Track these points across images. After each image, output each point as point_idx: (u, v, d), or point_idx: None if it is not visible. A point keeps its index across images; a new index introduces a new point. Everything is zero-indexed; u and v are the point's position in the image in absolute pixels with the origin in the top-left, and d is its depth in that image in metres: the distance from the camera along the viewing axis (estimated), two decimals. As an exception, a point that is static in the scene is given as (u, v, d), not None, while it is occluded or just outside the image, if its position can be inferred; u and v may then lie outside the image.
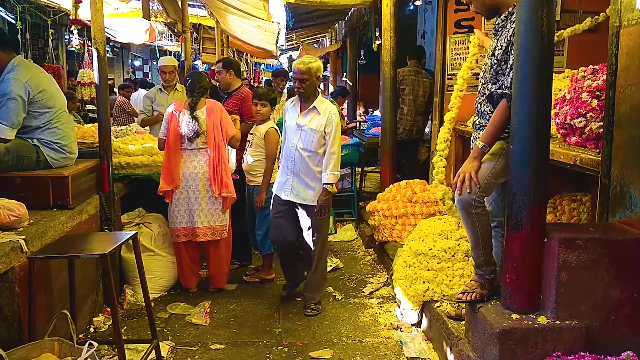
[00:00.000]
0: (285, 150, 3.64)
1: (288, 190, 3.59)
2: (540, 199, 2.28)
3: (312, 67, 3.47)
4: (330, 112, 3.50)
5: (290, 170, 3.57)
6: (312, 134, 3.47)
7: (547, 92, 2.25)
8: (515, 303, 2.36)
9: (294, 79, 3.51)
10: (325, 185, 3.47)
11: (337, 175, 3.50)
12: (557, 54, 4.85)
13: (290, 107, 3.66)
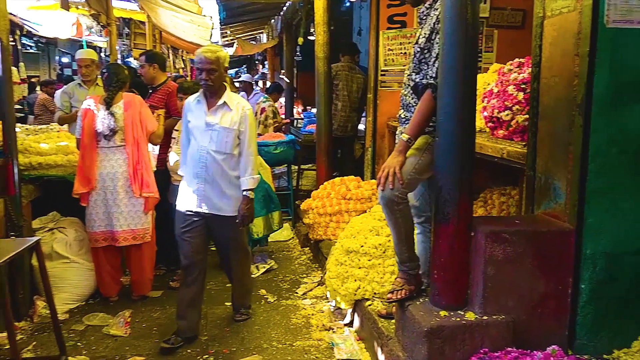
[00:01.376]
0: (192, 155, 3.11)
1: (199, 201, 3.09)
2: (466, 193, 2.23)
3: (221, 56, 3.03)
4: (244, 107, 3.12)
5: (201, 177, 3.07)
6: (225, 133, 3.04)
7: (472, 83, 2.19)
8: (443, 299, 2.30)
9: (200, 70, 3.00)
10: (247, 192, 3.10)
11: (257, 179, 3.15)
12: (487, 49, 4.92)
13: (193, 105, 3.14)
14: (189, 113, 3.16)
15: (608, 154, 2.18)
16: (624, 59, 2.14)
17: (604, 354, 2.28)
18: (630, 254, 2.25)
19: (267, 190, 4.43)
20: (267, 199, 4.43)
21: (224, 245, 3.28)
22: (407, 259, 2.45)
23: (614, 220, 2.23)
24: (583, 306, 2.27)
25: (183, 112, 3.21)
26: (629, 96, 2.16)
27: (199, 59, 2.99)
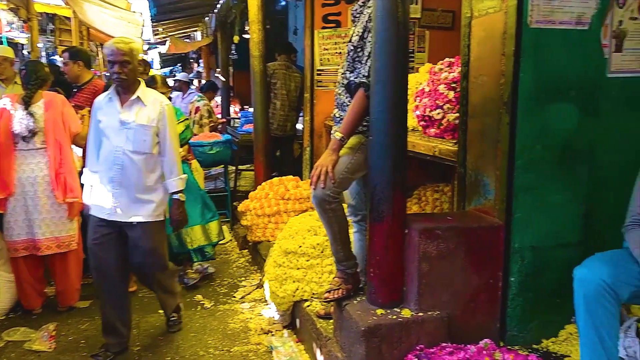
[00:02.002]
0: (105, 157, 2.79)
1: (114, 209, 2.78)
2: (400, 191, 2.24)
3: (134, 47, 2.76)
4: (162, 102, 2.85)
5: (116, 182, 2.76)
6: (142, 131, 2.76)
7: (404, 82, 2.20)
8: (380, 298, 2.30)
9: (112, 63, 2.71)
10: (177, 195, 2.90)
11: (185, 178, 2.94)
12: (419, 50, 5.02)
13: (104, 103, 2.83)
14: (99, 112, 2.84)
15: (533, 150, 2.26)
16: (547, 59, 2.23)
17: (534, 344, 2.37)
18: (556, 247, 2.34)
19: (202, 197, 4.19)
20: (204, 206, 4.14)
21: (142, 256, 2.89)
22: (344, 258, 2.43)
23: (540, 214, 2.31)
24: (513, 299, 2.34)
25: (92, 112, 2.90)
26: (551, 94, 2.25)
27: (110, 50, 2.70)
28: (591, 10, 2.25)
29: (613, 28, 2.38)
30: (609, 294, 1.73)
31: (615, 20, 2.37)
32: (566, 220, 2.34)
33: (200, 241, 4.06)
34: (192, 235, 4.01)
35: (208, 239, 4.12)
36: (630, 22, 2.39)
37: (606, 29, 2.36)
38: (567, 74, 2.26)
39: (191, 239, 4.02)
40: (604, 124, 2.41)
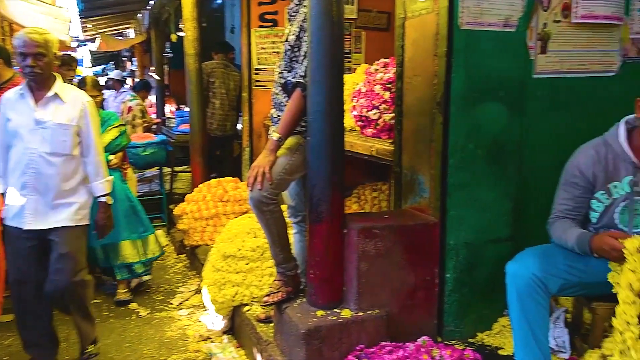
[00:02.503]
0: (16, 160, 2.52)
1: (30, 216, 2.51)
2: (338, 191, 2.23)
3: (49, 38, 2.50)
4: (82, 100, 2.60)
5: (31, 187, 2.50)
6: (61, 131, 2.51)
7: (340, 81, 2.19)
8: (320, 299, 2.28)
9: (23, 55, 2.43)
10: (103, 198, 2.69)
11: (111, 180, 2.74)
12: (356, 50, 5.06)
13: (15, 100, 2.54)
14: (9, 110, 2.54)
15: (465, 149, 2.32)
16: (477, 60, 2.29)
17: (469, 338, 2.43)
18: (488, 242, 2.41)
19: (133, 208, 3.77)
20: (135, 219, 3.76)
21: (57, 262, 2.56)
22: (283, 260, 2.40)
23: (473, 211, 2.38)
24: (449, 294, 2.39)
25: (0, 110, 2.59)
26: (482, 94, 2.32)
27: (22, 41, 2.42)
28: (518, 13, 2.34)
29: (538, 30, 2.48)
30: (540, 288, 1.80)
31: (540, 23, 2.47)
32: (497, 216, 2.41)
33: (128, 257, 3.69)
34: (119, 250, 3.65)
35: (140, 255, 3.75)
36: (554, 24, 2.50)
37: (532, 32, 2.45)
38: (496, 75, 2.33)
39: (116, 254, 3.66)
40: (530, 123, 2.51)
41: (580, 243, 1.86)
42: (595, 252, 1.82)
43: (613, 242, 1.75)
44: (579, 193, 1.97)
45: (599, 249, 1.80)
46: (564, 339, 2.17)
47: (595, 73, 2.65)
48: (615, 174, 1.93)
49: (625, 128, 1.95)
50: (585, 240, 1.84)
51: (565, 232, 1.94)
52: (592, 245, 1.82)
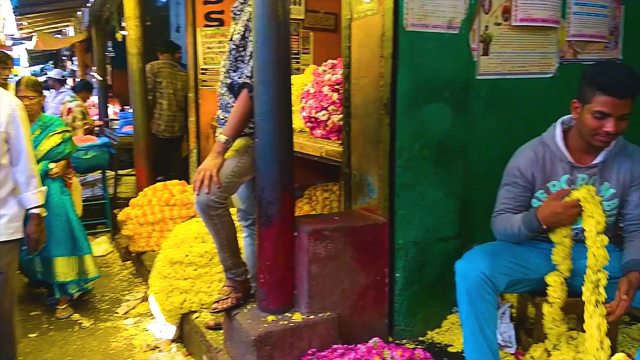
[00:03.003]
0: None
1: None
2: (288, 193, 2.20)
3: None
4: (11, 104, 2.36)
5: None
6: None
7: (287, 81, 2.16)
8: (270, 304, 2.24)
9: None
10: (36, 210, 2.44)
11: (44, 191, 2.50)
12: (304, 51, 5.05)
13: None
14: None
15: (412, 150, 2.34)
16: (423, 61, 2.31)
17: (420, 336, 2.46)
18: (436, 241, 2.45)
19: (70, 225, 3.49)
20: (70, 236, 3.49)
21: None
22: (232, 265, 2.34)
23: (421, 211, 2.40)
24: (399, 294, 2.41)
25: None
26: (427, 95, 2.35)
27: None
28: (461, 15, 2.38)
29: (480, 33, 2.54)
30: (488, 286, 1.83)
31: (482, 26, 2.53)
32: (444, 215, 2.45)
33: (61, 276, 3.44)
34: (53, 266, 3.43)
35: (74, 275, 3.51)
36: (495, 27, 2.57)
37: (474, 34, 2.51)
38: (441, 76, 2.36)
39: (50, 270, 3.43)
40: (474, 123, 2.56)
41: (527, 221, 1.89)
42: (545, 221, 1.85)
43: (563, 203, 1.80)
44: (520, 192, 2.03)
45: (549, 215, 1.83)
46: (510, 334, 2.23)
47: (534, 74, 2.74)
48: (553, 173, 1.99)
49: (561, 128, 2.01)
50: (531, 216, 1.87)
51: (509, 220, 1.98)
52: (540, 215, 1.85)
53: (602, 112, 1.79)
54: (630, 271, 1.74)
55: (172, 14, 8.04)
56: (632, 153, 1.97)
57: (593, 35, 2.87)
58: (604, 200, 1.94)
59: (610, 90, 1.76)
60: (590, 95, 1.82)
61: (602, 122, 1.81)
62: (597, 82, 1.79)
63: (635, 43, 3.00)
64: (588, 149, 1.95)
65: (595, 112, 1.81)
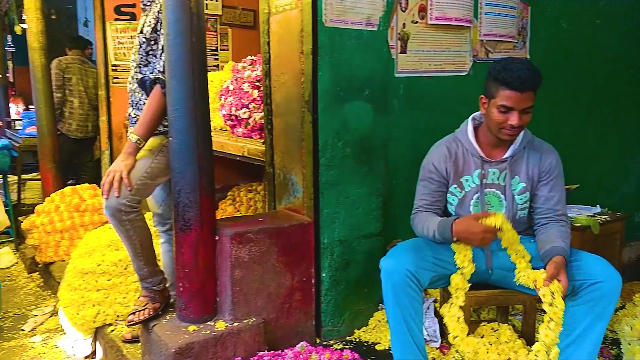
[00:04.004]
0: None
1: None
2: (207, 195, 2.09)
3: None
4: None
5: None
6: None
7: (202, 76, 2.05)
8: (191, 313, 2.13)
9: None
10: None
11: None
12: (223, 48, 4.91)
13: None
14: None
15: (335, 147, 2.31)
16: (343, 58, 2.28)
17: (348, 335, 2.44)
18: (361, 238, 2.44)
19: None
20: None
21: None
22: (148, 274, 2.20)
23: (345, 209, 2.38)
24: (325, 294, 2.38)
25: None
26: (348, 93, 2.32)
27: None
28: (379, 12, 2.38)
29: (398, 31, 2.56)
30: (413, 282, 1.83)
31: (399, 23, 2.55)
32: (367, 212, 2.45)
33: None
34: None
35: None
36: (412, 25, 2.60)
37: (392, 31, 2.52)
38: (361, 73, 2.35)
39: None
40: (394, 120, 2.58)
41: (442, 229, 1.90)
42: (457, 235, 1.86)
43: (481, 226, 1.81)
44: (436, 187, 2.05)
45: (464, 232, 1.84)
46: (435, 328, 2.26)
47: (450, 72, 2.81)
48: (466, 168, 2.04)
49: (473, 124, 2.07)
50: (447, 226, 1.89)
51: (427, 221, 1.99)
52: (455, 228, 1.86)
53: (505, 106, 1.86)
54: (552, 257, 1.80)
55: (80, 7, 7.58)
56: (540, 148, 2.05)
57: (503, 35, 2.99)
58: (515, 194, 2.01)
59: (512, 84, 1.83)
60: (495, 90, 1.89)
61: (507, 116, 1.87)
62: (500, 77, 1.85)
63: (541, 43, 3.17)
64: (497, 144, 2.01)
65: (500, 106, 1.87)
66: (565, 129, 3.31)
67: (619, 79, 3.65)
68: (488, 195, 2.03)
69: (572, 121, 3.39)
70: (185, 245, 2.08)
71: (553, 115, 3.18)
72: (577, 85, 3.41)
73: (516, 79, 1.82)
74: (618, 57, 3.60)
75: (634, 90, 3.74)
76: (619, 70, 3.63)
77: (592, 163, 3.55)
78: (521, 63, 1.85)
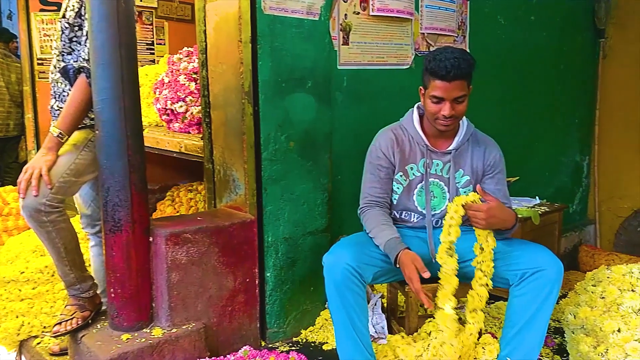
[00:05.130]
0: None
1: None
2: (139, 192, 1.94)
3: None
4: None
5: None
6: None
7: (132, 64, 1.89)
8: (124, 320, 1.97)
9: None
10: None
11: None
12: (159, 42, 4.72)
13: None
14: None
15: (278, 141, 2.22)
16: (283, 47, 2.19)
17: (294, 336, 2.35)
18: (306, 235, 2.35)
19: None
20: None
21: None
22: (76, 280, 2.02)
23: (289, 205, 2.29)
24: (270, 294, 2.28)
25: None
26: (291, 84, 2.23)
27: None
28: (320, 1, 2.30)
29: (340, 21, 2.49)
30: (355, 277, 1.76)
31: (341, 14, 2.48)
32: (313, 208, 2.37)
33: None
34: None
35: None
36: (354, 16, 2.54)
37: (334, 22, 2.46)
38: (304, 64, 2.26)
39: None
40: (337, 114, 2.52)
41: (389, 249, 1.83)
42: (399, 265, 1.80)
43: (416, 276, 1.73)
44: (384, 175, 2.00)
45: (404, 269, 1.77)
46: (383, 325, 2.21)
47: (392, 66, 2.78)
48: (411, 156, 2.00)
49: (418, 113, 2.04)
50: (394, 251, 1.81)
51: (376, 227, 1.91)
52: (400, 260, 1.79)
53: (436, 97, 1.84)
54: None
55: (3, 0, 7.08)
56: (483, 141, 2.04)
57: (443, 28, 3.00)
58: (459, 187, 1.99)
59: (438, 74, 1.80)
60: (427, 80, 1.87)
61: (439, 106, 1.86)
62: (430, 67, 1.83)
63: (479, 38, 3.21)
64: (440, 135, 1.99)
65: (432, 96, 1.85)
66: (502, 123, 3.36)
67: (551, 75, 3.77)
68: (432, 185, 2.00)
69: (509, 115, 3.46)
70: (115, 247, 1.92)
71: (490, 109, 3.23)
72: (514, 80, 3.48)
73: (442, 68, 1.79)
74: (551, 52, 3.71)
75: (565, 85, 3.88)
76: (551, 65, 3.75)
77: (528, 156, 3.65)
78: (451, 52, 1.82)
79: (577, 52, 3.95)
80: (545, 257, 1.79)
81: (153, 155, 3.09)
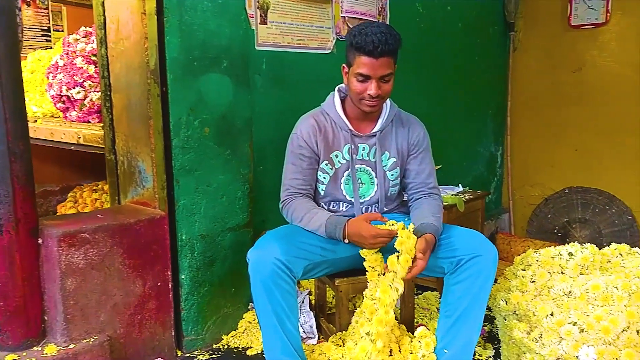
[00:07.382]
0: None
1: None
2: (24, 186, 1.64)
3: None
4: None
5: None
6: None
7: (10, 32, 1.59)
8: (9, 338, 1.66)
9: None
10: None
11: None
12: (57, 28, 4.27)
13: None
14: None
15: (191, 126, 1.99)
16: (194, 22, 1.96)
17: (214, 343, 2.13)
18: (226, 231, 2.14)
19: None
20: None
21: None
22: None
23: (206, 198, 2.06)
24: (186, 298, 2.04)
25: None
26: (204, 64, 2.00)
27: None
28: (234, -26, 2.10)
29: (257, -2, 2.31)
30: (285, 273, 1.60)
31: (258, -10, 2.30)
32: (232, 201, 2.15)
33: None
34: None
35: None
36: (272, -7, 2.37)
37: (250, -2, 2.27)
38: (218, 41, 2.04)
39: None
40: (257, 99, 2.34)
41: (331, 228, 1.71)
42: (350, 238, 1.70)
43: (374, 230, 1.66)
44: (307, 165, 1.86)
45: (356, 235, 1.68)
46: (311, 324, 2.05)
47: (313, 49, 2.64)
48: (336, 143, 1.87)
49: (340, 96, 1.91)
50: (338, 225, 1.71)
51: (307, 212, 1.78)
52: (348, 229, 1.70)
53: (362, 74, 1.72)
54: (424, 234, 1.69)
55: None
56: (407, 121, 1.96)
57: (364, 13, 2.90)
58: (386, 170, 1.89)
59: (365, 49, 1.69)
60: (352, 57, 1.75)
61: (365, 85, 1.74)
62: (355, 42, 1.71)
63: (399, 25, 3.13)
64: (364, 117, 1.88)
65: (357, 74, 1.74)
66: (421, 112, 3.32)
67: (467, 66, 3.81)
68: (359, 172, 1.88)
69: (428, 105, 3.43)
70: (-5, 253, 1.61)
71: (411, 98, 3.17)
72: (433, 69, 3.47)
73: (369, 43, 1.67)
74: (466, 44, 3.75)
75: (480, 77, 3.94)
76: (467, 57, 3.79)
77: (448, 146, 3.66)
78: (377, 27, 1.71)
79: (490, 44, 4.03)
80: (480, 242, 1.72)
81: (48, 150, 2.73)
